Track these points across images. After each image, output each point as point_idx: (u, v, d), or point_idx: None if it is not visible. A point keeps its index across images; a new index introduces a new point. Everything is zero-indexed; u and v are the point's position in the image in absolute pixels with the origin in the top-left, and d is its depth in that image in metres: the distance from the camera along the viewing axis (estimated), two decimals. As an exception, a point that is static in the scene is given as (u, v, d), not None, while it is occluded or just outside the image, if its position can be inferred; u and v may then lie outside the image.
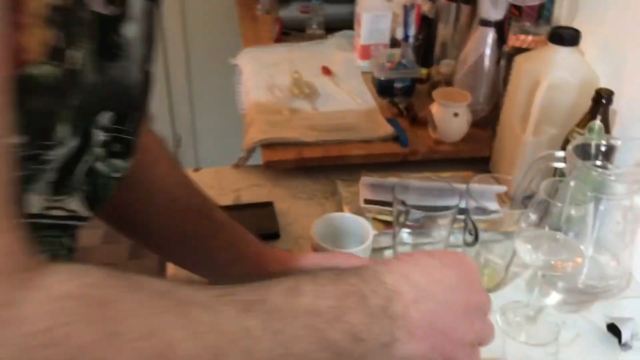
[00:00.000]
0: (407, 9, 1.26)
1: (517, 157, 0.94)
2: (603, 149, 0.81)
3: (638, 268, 0.84)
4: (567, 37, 0.89)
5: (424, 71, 1.27)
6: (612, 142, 0.81)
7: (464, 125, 1.05)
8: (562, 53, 0.89)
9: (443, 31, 1.24)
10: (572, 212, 0.69)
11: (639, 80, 0.85)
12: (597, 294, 0.82)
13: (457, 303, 0.45)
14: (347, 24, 1.48)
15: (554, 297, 0.81)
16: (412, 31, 1.26)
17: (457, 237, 0.85)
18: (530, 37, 0.98)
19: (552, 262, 0.70)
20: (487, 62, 1.08)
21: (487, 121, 1.12)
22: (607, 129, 0.84)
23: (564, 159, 0.79)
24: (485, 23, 1.07)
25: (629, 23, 0.86)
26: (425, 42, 1.30)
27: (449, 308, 0.44)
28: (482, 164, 1.06)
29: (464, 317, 0.45)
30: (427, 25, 1.30)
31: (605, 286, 0.81)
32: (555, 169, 0.85)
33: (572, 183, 0.71)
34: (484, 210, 0.81)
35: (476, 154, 1.07)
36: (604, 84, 0.90)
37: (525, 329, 0.76)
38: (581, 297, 0.81)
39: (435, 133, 1.06)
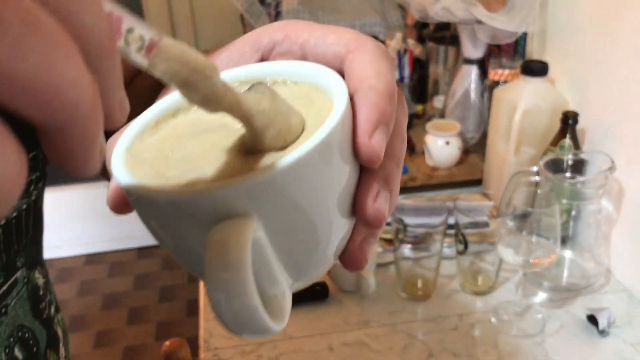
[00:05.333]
0: (400, 54, 1.40)
1: (503, 176, 1.06)
2: (572, 162, 0.93)
3: (615, 265, 0.95)
4: (536, 68, 1.02)
5: (419, 107, 1.40)
6: (580, 156, 0.93)
7: (456, 151, 1.17)
8: (533, 83, 1.02)
9: (434, 71, 1.38)
10: (543, 217, 0.81)
11: (601, 102, 0.97)
12: (579, 291, 0.92)
13: None
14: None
15: (541, 296, 0.92)
16: (406, 72, 1.40)
17: (453, 249, 0.96)
18: (507, 71, 1.12)
19: (530, 260, 0.81)
20: (472, 95, 1.22)
21: (477, 147, 1.24)
22: (576, 145, 0.96)
23: (537, 173, 0.91)
24: (468, 61, 1.21)
25: (588, 53, 0.99)
26: (419, 81, 1.43)
27: None
28: (475, 185, 1.19)
29: None
30: (420, 66, 1.44)
31: (586, 283, 0.92)
32: (536, 182, 0.96)
33: (539, 191, 0.83)
34: (475, 224, 0.93)
35: (469, 177, 1.19)
36: (572, 107, 1.02)
37: (515, 324, 0.87)
38: (565, 294, 0.92)
39: (431, 160, 1.19)
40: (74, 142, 0.16)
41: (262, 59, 0.30)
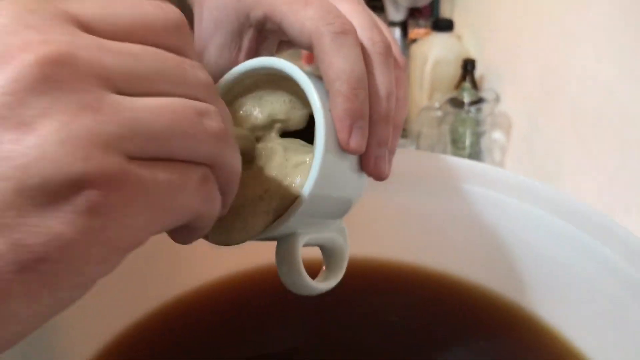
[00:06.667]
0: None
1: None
2: (469, 100, 1.12)
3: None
4: (444, 25, 1.21)
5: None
6: (476, 94, 1.12)
7: (382, 101, 1.35)
8: (441, 37, 1.21)
9: (368, 35, 1.56)
10: (438, 141, 1.00)
11: (494, 52, 1.16)
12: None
13: None
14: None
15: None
16: (343, 37, 1.58)
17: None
18: (422, 30, 1.30)
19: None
20: (397, 53, 1.40)
21: (403, 99, 1.43)
22: (475, 86, 1.15)
23: (439, 108, 1.10)
24: (392, 24, 1.39)
25: (485, 12, 1.18)
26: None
27: None
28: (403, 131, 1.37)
29: None
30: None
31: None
32: (439, 117, 1.15)
33: (433, 117, 1.02)
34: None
35: (396, 124, 1.37)
36: (473, 56, 1.21)
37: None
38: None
39: (362, 110, 1.37)
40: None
41: (259, 35, 0.33)
